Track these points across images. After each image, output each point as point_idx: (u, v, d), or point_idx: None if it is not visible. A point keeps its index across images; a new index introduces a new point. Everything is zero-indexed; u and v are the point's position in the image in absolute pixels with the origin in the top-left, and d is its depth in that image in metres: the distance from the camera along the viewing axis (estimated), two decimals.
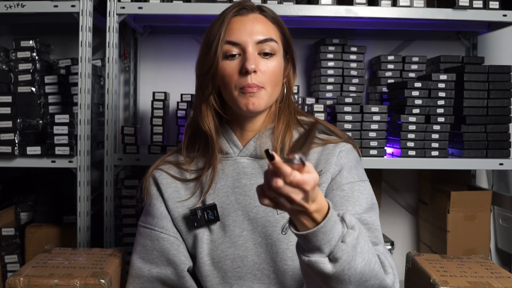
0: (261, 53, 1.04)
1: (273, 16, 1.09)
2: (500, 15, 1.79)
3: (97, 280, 1.29)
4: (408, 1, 1.78)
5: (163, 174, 1.14)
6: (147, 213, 1.15)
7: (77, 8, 1.72)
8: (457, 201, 1.91)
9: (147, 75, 2.20)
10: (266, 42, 1.04)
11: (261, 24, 1.06)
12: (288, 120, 1.11)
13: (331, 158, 1.07)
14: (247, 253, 1.05)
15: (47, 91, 1.88)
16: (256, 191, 0.77)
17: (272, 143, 1.09)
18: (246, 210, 1.07)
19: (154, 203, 1.13)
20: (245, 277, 1.05)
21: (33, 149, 1.71)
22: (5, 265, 1.89)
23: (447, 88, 1.78)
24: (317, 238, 0.77)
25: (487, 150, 1.78)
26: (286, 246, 1.04)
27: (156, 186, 1.14)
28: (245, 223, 1.06)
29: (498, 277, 1.35)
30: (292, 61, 1.13)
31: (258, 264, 1.05)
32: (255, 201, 1.06)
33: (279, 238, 1.05)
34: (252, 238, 1.06)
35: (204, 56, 1.06)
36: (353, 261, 0.79)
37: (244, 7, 1.07)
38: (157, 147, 1.81)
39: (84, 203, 1.74)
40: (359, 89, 1.99)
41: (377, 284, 0.85)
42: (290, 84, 1.13)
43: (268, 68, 1.04)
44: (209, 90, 1.07)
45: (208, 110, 1.08)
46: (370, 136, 1.77)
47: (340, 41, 1.99)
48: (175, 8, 1.76)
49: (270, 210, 1.06)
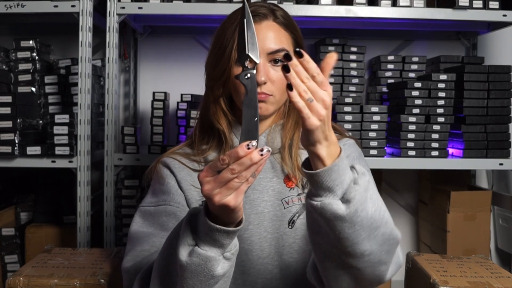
0: (272, 60, 1.05)
1: (286, 22, 1.09)
2: (500, 15, 1.79)
3: (97, 280, 1.29)
4: (408, 1, 1.78)
5: (174, 161, 1.12)
6: (157, 193, 1.11)
7: (77, 8, 1.72)
8: (457, 201, 1.91)
9: (147, 75, 2.20)
10: (277, 52, 1.04)
11: (273, 32, 1.06)
12: (297, 117, 1.11)
13: None
14: (252, 247, 1.05)
15: (47, 91, 1.88)
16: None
17: (281, 138, 1.10)
18: (254, 204, 1.07)
19: (168, 182, 1.10)
20: (248, 271, 1.05)
21: (33, 149, 1.71)
22: (5, 265, 1.89)
23: (447, 88, 1.78)
24: (330, 178, 0.77)
25: (487, 150, 1.78)
26: (293, 240, 1.05)
27: (168, 169, 1.12)
28: (251, 217, 1.06)
29: (498, 277, 1.36)
30: None
31: (262, 259, 1.06)
32: (263, 195, 1.07)
33: (286, 232, 1.05)
34: (257, 232, 1.06)
35: (216, 61, 1.07)
36: (365, 203, 0.79)
37: (257, 13, 1.06)
38: (157, 147, 1.81)
39: (84, 203, 1.74)
40: (359, 89, 1.99)
41: (387, 233, 0.84)
42: None
43: (278, 77, 1.04)
44: (219, 93, 1.08)
45: (219, 109, 1.09)
46: (370, 136, 1.77)
47: (340, 41, 1.99)
48: (175, 8, 1.76)
49: (277, 205, 1.06)
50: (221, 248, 0.79)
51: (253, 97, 0.78)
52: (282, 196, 1.07)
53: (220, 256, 0.80)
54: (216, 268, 0.79)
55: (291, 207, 1.06)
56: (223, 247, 0.79)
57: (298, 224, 1.06)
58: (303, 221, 1.06)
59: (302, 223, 1.06)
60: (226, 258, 0.81)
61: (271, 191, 1.08)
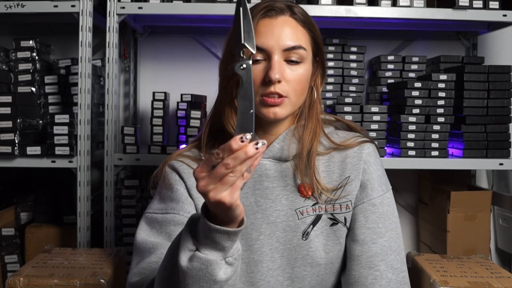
0: (288, 59, 0.98)
1: (304, 19, 1.02)
2: (500, 15, 1.79)
3: (97, 280, 1.29)
4: (408, 1, 1.78)
5: (183, 165, 1.06)
6: (165, 199, 1.05)
7: (77, 8, 1.72)
8: (457, 201, 1.91)
9: (147, 75, 2.20)
10: (294, 49, 0.98)
11: (290, 28, 0.99)
12: (315, 127, 1.05)
13: (358, 163, 1.04)
14: (263, 258, 1.02)
15: (47, 91, 1.88)
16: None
17: (299, 145, 1.04)
18: (266, 213, 1.02)
19: (177, 188, 1.04)
20: (258, 283, 1.02)
21: (33, 149, 1.71)
22: (5, 265, 1.89)
23: (447, 88, 1.78)
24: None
25: (487, 150, 1.78)
26: (306, 252, 1.01)
27: (177, 174, 1.06)
28: (263, 227, 1.02)
29: (498, 277, 1.36)
30: (322, 65, 1.07)
31: (273, 271, 1.02)
32: (276, 205, 1.03)
33: (300, 244, 1.01)
34: (268, 243, 1.02)
35: (230, 58, 1.00)
36: None
37: (273, 8, 1.00)
38: (157, 147, 1.81)
39: (84, 203, 1.74)
40: (359, 89, 1.99)
41: None
42: (318, 89, 1.07)
43: (293, 76, 0.98)
44: (233, 94, 1.02)
45: (233, 112, 1.03)
46: (370, 136, 1.77)
47: (340, 41, 1.99)
48: (175, 8, 1.76)
49: (291, 215, 1.02)
50: (222, 251, 0.76)
51: (249, 88, 0.75)
52: (296, 206, 1.02)
53: (222, 260, 0.77)
54: (217, 273, 0.76)
55: (306, 218, 1.02)
56: (224, 251, 0.76)
57: (312, 236, 1.02)
58: (318, 232, 1.02)
59: (316, 235, 1.02)
60: (228, 263, 0.77)
61: (284, 200, 1.03)
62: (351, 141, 1.07)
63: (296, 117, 1.07)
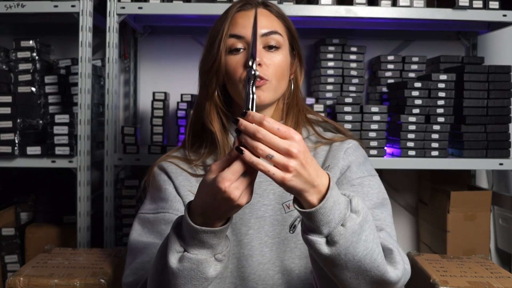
0: (266, 46, 1.02)
1: (278, 11, 1.08)
2: (500, 15, 1.79)
3: (97, 280, 1.29)
4: (408, 1, 1.78)
5: (171, 165, 1.09)
6: (156, 200, 1.08)
7: (77, 8, 1.72)
8: (457, 201, 1.91)
9: (147, 75, 2.20)
10: (270, 35, 1.02)
11: (265, 17, 1.04)
12: (297, 117, 1.09)
13: (339, 154, 1.06)
14: (252, 253, 1.03)
15: (47, 91, 1.88)
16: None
17: None
18: (254, 208, 1.05)
19: (165, 188, 1.06)
20: (249, 277, 1.03)
21: (33, 149, 1.71)
22: (5, 265, 1.89)
23: (447, 88, 1.78)
24: (315, 219, 0.75)
25: (487, 150, 1.78)
26: (294, 245, 1.03)
27: (166, 174, 1.09)
28: (251, 222, 1.04)
29: (498, 277, 1.36)
30: (299, 57, 1.11)
31: (263, 265, 1.03)
32: (264, 199, 1.05)
33: (287, 237, 1.03)
34: (257, 237, 1.04)
35: (208, 53, 1.05)
36: (352, 247, 0.77)
37: (248, 2, 1.06)
38: (157, 147, 1.81)
39: (84, 203, 1.74)
40: (359, 89, 1.99)
41: (377, 276, 0.82)
42: (297, 80, 1.11)
43: (273, 61, 1.02)
44: (213, 86, 1.04)
45: (213, 108, 1.06)
46: (370, 136, 1.77)
47: (340, 41, 1.99)
48: (175, 8, 1.76)
49: (278, 209, 1.04)
50: (210, 249, 0.78)
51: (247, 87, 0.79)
52: (283, 200, 1.05)
53: (212, 257, 0.79)
54: (208, 270, 0.79)
55: (293, 211, 1.04)
56: (213, 248, 0.78)
57: (299, 228, 1.03)
58: None
59: None
60: (218, 259, 0.80)
61: (272, 194, 1.05)
62: (337, 137, 1.11)
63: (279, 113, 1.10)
